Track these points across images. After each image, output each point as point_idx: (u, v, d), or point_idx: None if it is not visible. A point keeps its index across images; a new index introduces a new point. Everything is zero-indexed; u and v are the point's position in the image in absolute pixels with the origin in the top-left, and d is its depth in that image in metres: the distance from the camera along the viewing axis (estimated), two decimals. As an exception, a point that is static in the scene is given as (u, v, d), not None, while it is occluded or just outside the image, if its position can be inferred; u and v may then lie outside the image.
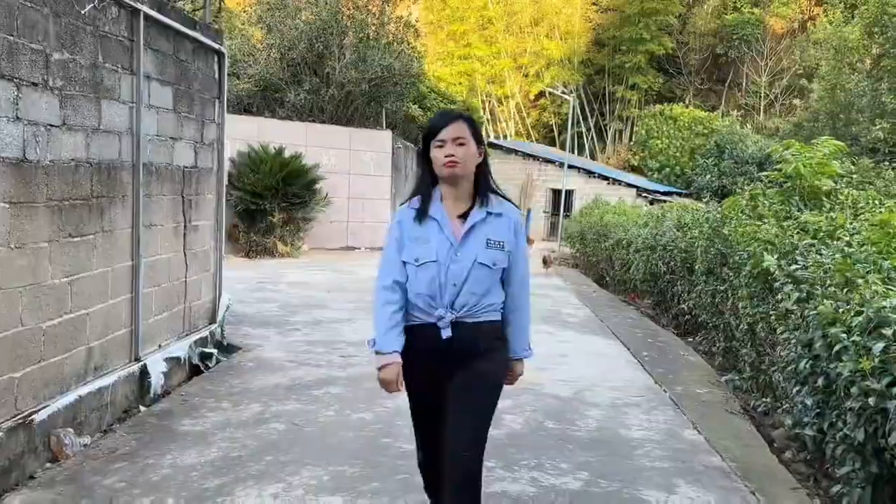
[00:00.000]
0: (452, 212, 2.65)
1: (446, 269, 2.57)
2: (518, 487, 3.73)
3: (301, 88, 16.12)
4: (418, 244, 2.61)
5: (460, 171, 2.60)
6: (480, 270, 2.59)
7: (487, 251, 2.60)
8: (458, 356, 2.62)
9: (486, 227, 2.63)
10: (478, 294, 2.60)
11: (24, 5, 3.49)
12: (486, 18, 35.40)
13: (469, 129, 2.62)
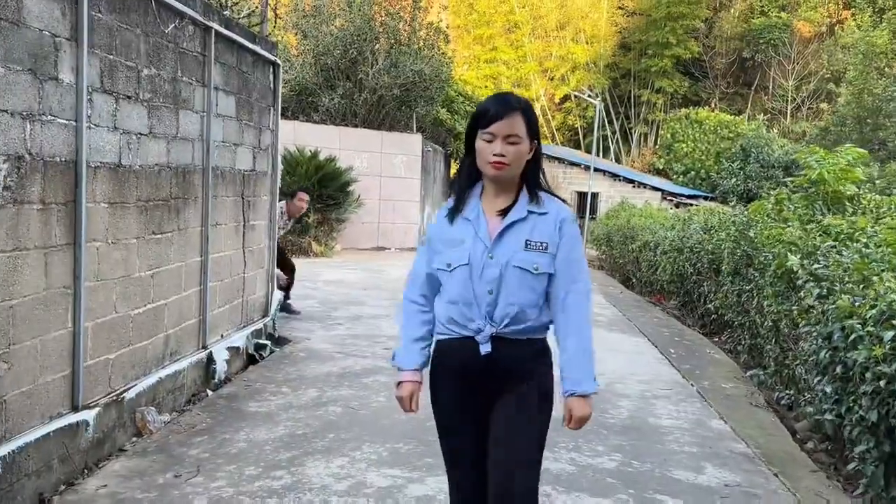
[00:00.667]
0: (492, 208, 2.29)
1: (480, 274, 2.22)
2: (559, 466, 4.09)
3: (335, 93, 16.58)
4: (451, 247, 2.28)
5: (507, 173, 2.23)
6: (519, 276, 2.22)
7: (526, 253, 2.22)
8: (499, 378, 2.27)
9: (527, 227, 2.25)
10: (521, 305, 2.22)
11: (122, 27, 3.92)
12: (513, 22, 35.72)
13: (525, 123, 2.24)
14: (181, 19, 4.58)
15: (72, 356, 3.61)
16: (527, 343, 2.28)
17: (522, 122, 2.23)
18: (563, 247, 2.28)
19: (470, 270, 2.23)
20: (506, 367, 2.26)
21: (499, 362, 2.25)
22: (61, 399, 3.57)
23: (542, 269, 2.24)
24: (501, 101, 2.26)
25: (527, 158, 2.27)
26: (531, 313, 2.25)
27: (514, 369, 2.27)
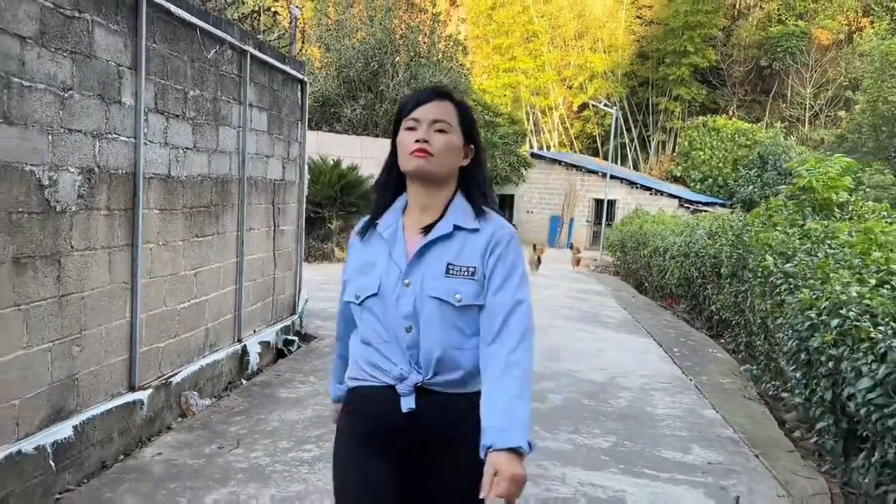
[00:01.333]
0: (415, 224, 1.82)
1: (395, 305, 1.74)
2: (557, 445, 4.54)
3: (357, 104, 17.18)
4: (362, 274, 1.81)
5: (432, 166, 1.77)
6: (438, 309, 1.72)
7: (447, 280, 1.73)
8: (421, 443, 1.75)
9: (452, 247, 1.77)
10: (446, 347, 1.72)
11: (171, 55, 4.46)
12: (531, 32, 36.23)
13: (458, 115, 1.84)
14: (221, 45, 5.12)
15: (129, 343, 4.14)
16: (462, 399, 1.73)
17: (454, 112, 1.83)
18: (496, 278, 1.74)
19: (382, 302, 1.74)
20: (432, 429, 1.73)
21: (426, 420, 1.72)
22: (121, 380, 4.10)
23: (467, 300, 1.72)
24: (426, 89, 1.88)
25: (461, 163, 1.84)
26: (463, 359, 1.73)
27: (442, 435, 1.73)
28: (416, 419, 1.72)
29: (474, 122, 1.91)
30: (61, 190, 3.46)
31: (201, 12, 4.85)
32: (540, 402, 5.48)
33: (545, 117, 38.65)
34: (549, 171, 28.80)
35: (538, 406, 5.34)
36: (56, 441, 3.49)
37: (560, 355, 7.25)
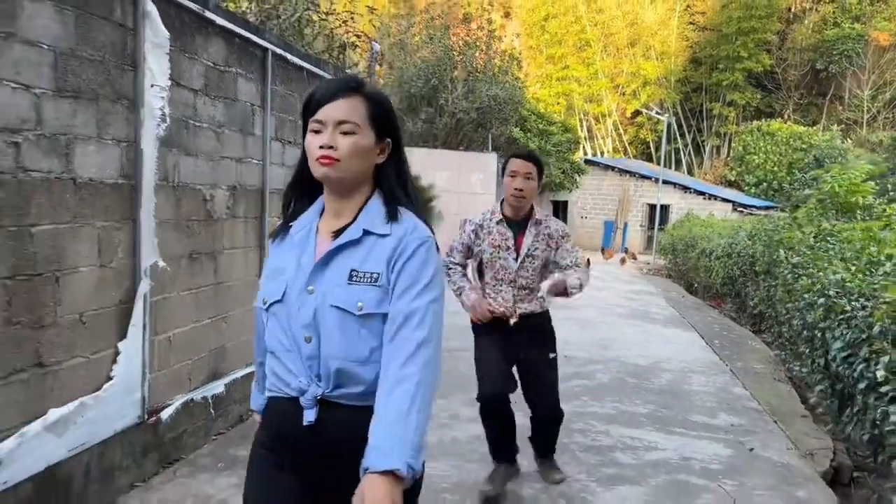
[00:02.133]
0: (328, 229, 1.71)
1: (296, 313, 1.66)
2: (603, 410, 5.44)
3: (418, 118, 18.29)
4: (271, 279, 1.74)
5: (338, 173, 1.64)
6: (339, 318, 1.62)
7: (349, 287, 1.63)
8: (324, 458, 1.68)
9: (359, 252, 1.66)
10: (347, 359, 1.63)
11: (287, 93, 5.55)
12: (584, 41, 36.92)
13: (368, 110, 1.67)
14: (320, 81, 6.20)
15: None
16: (367, 412, 1.57)
17: (363, 108, 1.65)
18: (398, 286, 1.62)
19: (286, 310, 1.67)
20: (335, 443, 1.65)
21: (327, 434, 1.65)
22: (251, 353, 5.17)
23: (369, 308, 1.61)
24: (333, 81, 1.70)
25: (376, 161, 1.71)
26: (366, 372, 1.63)
27: (346, 448, 1.60)
28: (317, 433, 1.64)
29: (390, 114, 1.72)
30: (217, 203, 4.56)
31: (305, 55, 5.94)
32: (588, 379, 6.37)
33: (598, 124, 39.22)
34: (603, 177, 29.43)
35: (587, 383, 6.24)
36: (214, 395, 4.58)
37: (609, 345, 8.11)
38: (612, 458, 4.44)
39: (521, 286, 3.63)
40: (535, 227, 3.64)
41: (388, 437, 1.46)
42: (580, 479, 4.04)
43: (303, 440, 1.65)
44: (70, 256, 3.24)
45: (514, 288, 3.63)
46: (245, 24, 4.84)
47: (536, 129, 23.67)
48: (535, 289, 3.61)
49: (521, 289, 3.63)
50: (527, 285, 3.63)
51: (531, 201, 3.59)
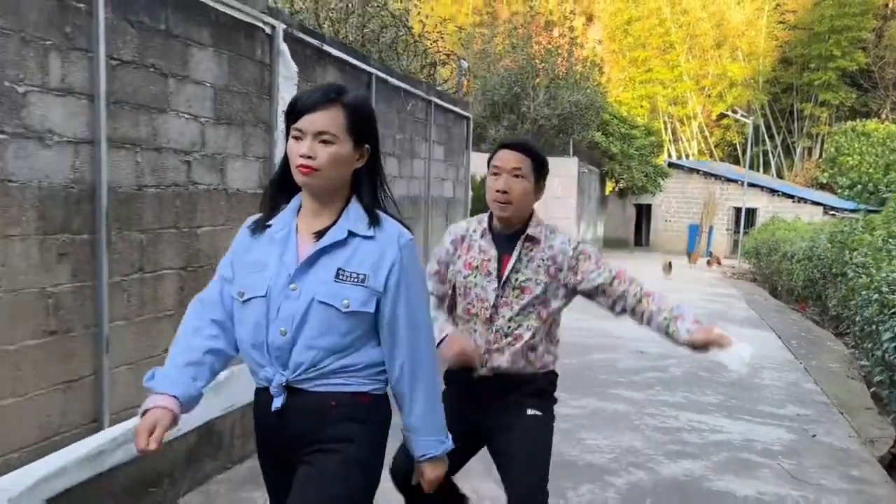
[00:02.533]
0: (308, 228, 1.79)
1: (277, 309, 1.73)
2: (674, 399, 5.89)
3: (500, 125, 18.89)
4: (249, 271, 1.79)
5: (317, 181, 1.73)
6: (324, 314, 1.71)
7: (337, 285, 1.72)
8: (292, 442, 1.77)
9: (345, 253, 1.75)
10: (324, 349, 1.72)
11: (387, 110, 6.27)
12: (668, 44, 36.59)
13: (347, 119, 1.73)
14: (415, 99, 6.91)
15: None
16: (335, 397, 1.74)
17: (342, 118, 1.72)
18: (389, 291, 1.76)
19: (267, 305, 1.73)
20: (298, 428, 1.75)
21: (292, 420, 1.75)
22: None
23: (354, 306, 1.72)
24: (315, 90, 1.76)
25: (355, 166, 1.78)
26: (341, 359, 1.74)
27: (309, 432, 1.74)
28: (285, 419, 1.73)
29: (369, 121, 1.81)
30: (330, 208, 5.30)
31: (402, 76, 6.65)
32: (662, 372, 6.81)
33: (683, 126, 38.74)
34: (687, 180, 29.19)
35: (660, 375, 6.68)
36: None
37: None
38: (678, 437, 4.91)
39: (500, 330, 2.46)
40: (526, 245, 2.47)
41: (430, 430, 1.84)
42: (648, 453, 4.54)
43: (274, 427, 1.78)
44: (223, 251, 4.00)
45: (489, 330, 2.46)
46: (353, 53, 5.58)
47: (619, 133, 23.83)
48: (525, 341, 2.45)
49: (498, 333, 2.46)
50: (509, 331, 2.44)
51: (525, 209, 2.47)
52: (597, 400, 5.72)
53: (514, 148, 2.47)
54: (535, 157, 2.47)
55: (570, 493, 3.85)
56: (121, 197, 3.26)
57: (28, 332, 2.82)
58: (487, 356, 2.47)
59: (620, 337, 8.54)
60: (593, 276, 2.52)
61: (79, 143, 3.00)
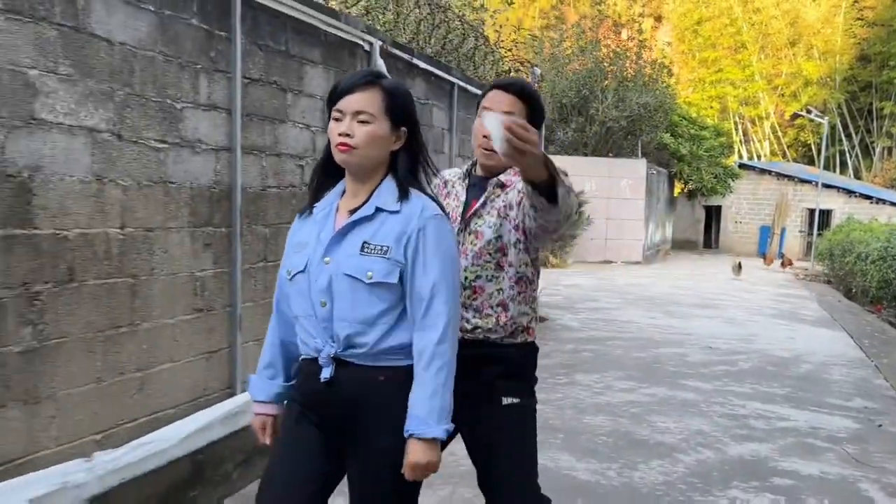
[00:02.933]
0: (346, 207, 1.89)
1: (315, 281, 1.84)
2: (742, 390, 6.12)
3: (568, 127, 19.14)
4: (295, 251, 1.92)
5: (355, 158, 1.81)
6: (350, 285, 1.79)
7: (361, 258, 1.80)
8: (340, 410, 1.84)
9: (371, 227, 1.83)
10: (355, 322, 1.80)
11: (466, 116, 6.71)
12: (740, 43, 35.96)
13: (385, 101, 1.82)
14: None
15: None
16: (376, 371, 1.82)
17: (379, 99, 1.81)
18: (417, 262, 1.80)
19: (308, 279, 1.85)
20: (348, 398, 1.83)
21: (341, 391, 1.82)
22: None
23: (378, 277, 1.78)
24: (355, 74, 1.87)
25: (392, 147, 1.86)
26: (373, 333, 1.80)
27: (359, 402, 1.82)
28: (333, 389, 1.81)
29: (405, 104, 1.87)
30: (417, 207, 5.78)
31: (481, 85, 7.08)
32: (731, 366, 7.03)
33: (755, 127, 37.98)
34: (759, 181, 28.66)
35: (729, 368, 6.91)
36: (413, 358, 5.80)
37: (754, 340, 8.62)
38: (745, 423, 5.17)
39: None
40: (496, 190, 2.19)
41: (429, 409, 1.74)
42: (715, 436, 4.83)
43: (322, 395, 1.83)
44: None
45: None
46: (438, 65, 6.05)
47: (688, 135, 23.68)
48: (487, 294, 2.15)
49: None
50: (466, 282, 2.15)
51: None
52: (667, 389, 6.02)
53: (507, 89, 2.17)
54: (529, 102, 2.17)
55: (641, 467, 4.19)
56: (250, 196, 3.80)
57: (182, 309, 3.37)
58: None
59: (690, 334, 8.77)
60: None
61: (219, 150, 3.55)
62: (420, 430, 1.74)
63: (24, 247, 2.59)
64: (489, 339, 2.14)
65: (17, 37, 2.52)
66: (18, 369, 2.58)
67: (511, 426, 2.15)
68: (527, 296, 2.21)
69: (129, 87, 3.00)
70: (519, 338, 2.20)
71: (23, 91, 2.55)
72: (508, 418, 2.14)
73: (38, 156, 2.62)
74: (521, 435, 2.17)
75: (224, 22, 3.52)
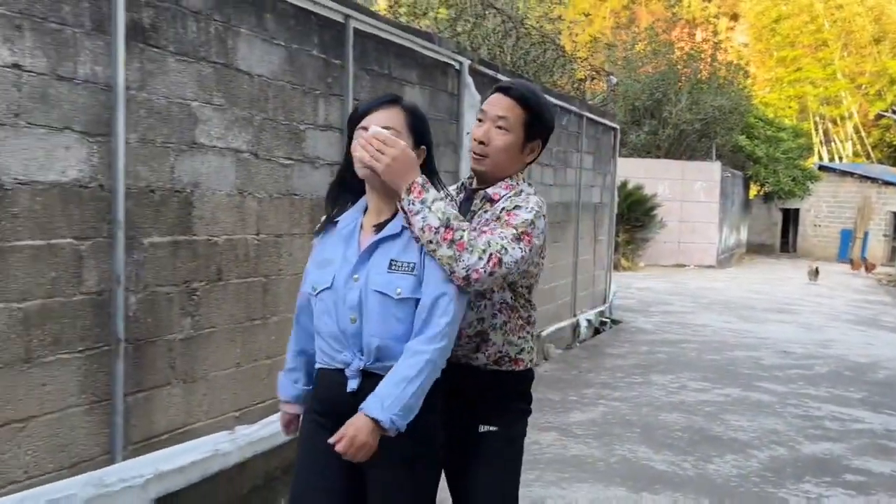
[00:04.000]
0: (370, 223, 1.93)
1: (343, 298, 1.87)
2: (818, 393, 6.25)
3: (641, 130, 19.15)
4: (319, 268, 1.94)
5: (378, 174, 1.83)
6: (380, 302, 1.84)
7: (389, 275, 1.85)
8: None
9: (398, 244, 1.88)
10: (385, 338, 1.84)
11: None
12: (820, 41, 34.90)
13: (407, 119, 1.91)
14: (569, 115, 7.64)
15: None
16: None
17: (402, 118, 1.90)
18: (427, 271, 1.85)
19: (334, 296, 1.88)
20: None
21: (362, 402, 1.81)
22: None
23: (406, 293, 1.84)
24: (378, 96, 1.98)
25: (413, 165, 1.86)
26: (400, 346, 1.84)
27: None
28: (358, 399, 1.81)
29: (424, 124, 1.97)
30: (500, 213, 6.14)
31: (560, 95, 7.40)
32: (806, 370, 7.14)
33: (836, 127, 36.76)
34: (839, 184, 27.82)
35: (804, 372, 7.01)
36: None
37: (830, 345, 8.64)
38: (819, 423, 5.34)
39: None
40: (483, 204, 2.06)
41: (387, 394, 1.75)
42: (789, 434, 5.03)
43: (345, 405, 1.83)
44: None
45: None
46: (520, 78, 6.39)
47: (764, 136, 23.27)
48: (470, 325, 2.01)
49: None
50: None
51: (503, 167, 2.06)
52: (741, 390, 6.20)
53: (506, 92, 2.05)
54: (528, 109, 2.03)
55: (716, 460, 4.45)
56: (358, 205, 4.25)
57: (302, 305, 3.83)
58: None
59: (765, 338, 8.85)
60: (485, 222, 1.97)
61: (334, 165, 3.99)
62: (369, 407, 1.75)
63: (185, 251, 3.08)
64: (470, 366, 2.03)
65: (183, 75, 3.02)
66: (181, 353, 3.08)
67: (487, 454, 2.03)
68: (514, 325, 2.04)
69: (264, 113, 3.48)
70: (504, 366, 2.04)
71: (187, 120, 3.05)
72: (485, 446, 2.03)
73: (197, 174, 3.12)
74: (497, 464, 2.04)
75: (338, 51, 3.98)
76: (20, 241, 2.45)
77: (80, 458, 2.69)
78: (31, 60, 2.45)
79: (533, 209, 1.93)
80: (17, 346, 2.46)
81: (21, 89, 2.43)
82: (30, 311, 2.49)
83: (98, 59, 2.67)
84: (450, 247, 1.78)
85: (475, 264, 1.78)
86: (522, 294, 2.05)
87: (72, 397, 2.65)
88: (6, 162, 2.39)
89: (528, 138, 2.04)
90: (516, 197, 1.98)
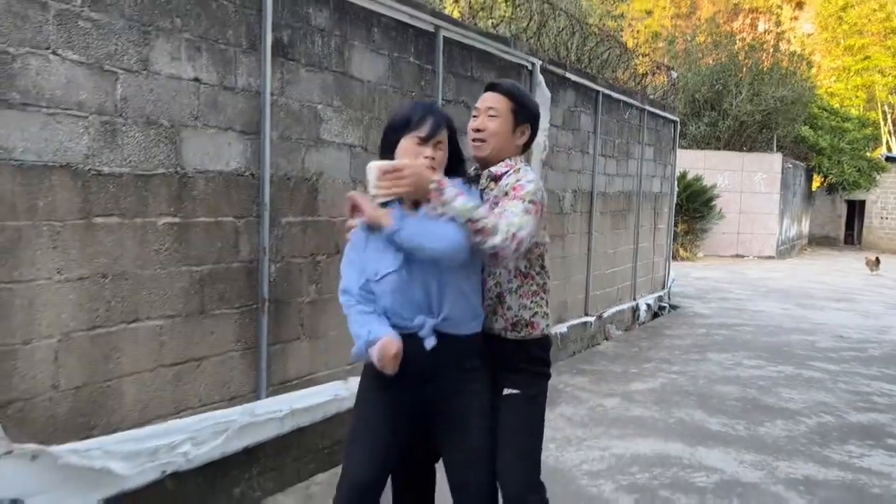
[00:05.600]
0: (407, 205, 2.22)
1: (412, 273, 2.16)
2: (869, 372, 6.57)
3: (701, 121, 19.25)
4: (377, 257, 2.21)
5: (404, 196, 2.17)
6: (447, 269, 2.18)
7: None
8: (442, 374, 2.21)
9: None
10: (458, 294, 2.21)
11: (608, 120, 7.49)
12: (890, 28, 33.95)
13: (448, 132, 2.26)
14: (631, 108, 8.07)
15: (585, 288, 7.23)
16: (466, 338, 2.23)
17: (444, 129, 2.25)
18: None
19: (399, 276, 2.16)
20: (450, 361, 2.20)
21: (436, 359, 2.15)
22: (581, 308, 7.20)
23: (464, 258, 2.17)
24: (425, 106, 2.30)
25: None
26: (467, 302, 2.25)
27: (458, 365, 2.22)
28: (435, 355, 2.14)
29: (455, 132, 2.31)
30: (566, 202, 6.65)
31: (623, 91, 7.84)
32: (860, 352, 7.43)
33: (906, 116, 35.69)
34: (908, 176, 27.22)
35: (858, 354, 7.32)
36: (560, 333, 6.68)
37: (887, 331, 8.85)
38: (868, 398, 5.69)
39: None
40: (489, 183, 2.37)
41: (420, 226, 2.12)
42: (837, 406, 5.41)
43: (418, 363, 2.12)
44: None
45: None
46: (585, 76, 6.88)
47: (828, 127, 23.00)
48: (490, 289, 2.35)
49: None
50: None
51: (501, 149, 2.37)
52: (794, 368, 6.58)
53: (494, 89, 2.44)
54: (513, 99, 2.39)
55: (766, 425, 4.89)
56: (444, 192, 4.82)
57: (399, 278, 4.43)
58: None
59: (822, 323, 9.12)
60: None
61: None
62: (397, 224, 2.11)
63: (312, 228, 3.71)
64: (492, 332, 2.33)
65: (311, 83, 3.64)
66: (308, 315, 3.72)
67: (510, 414, 2.31)
68: (527, 290, 2.36)
69: (372, 113, 4.08)
70: (522, 332, 2.34)
71: (314, 121, 3.67)
72: (507, 407, 2.31)
73: (321, 165, 3.74)
74: (520, 423, 2.32)
75: (430, 56, 4.55)
76: (198, 218, 3.11)
77: (237, 394, 3.36)
78: (206, 75, 3.10)
79: (532, 180, 2.28)
80: (196, 301, 3.12)
81: (199, 98, 3.08)
82: (204, 274, 3.15)
83: (252, 71, 3.31)
84: (476, 234, 2.09)
85: (500, 244, 2.09)
86: (536, 262, 2.38)
87: (231, 344, 3.31)
88: (190, 155, 3.06)
89: (516, 122, 2.38)
90: (517, 174, 2.31)
